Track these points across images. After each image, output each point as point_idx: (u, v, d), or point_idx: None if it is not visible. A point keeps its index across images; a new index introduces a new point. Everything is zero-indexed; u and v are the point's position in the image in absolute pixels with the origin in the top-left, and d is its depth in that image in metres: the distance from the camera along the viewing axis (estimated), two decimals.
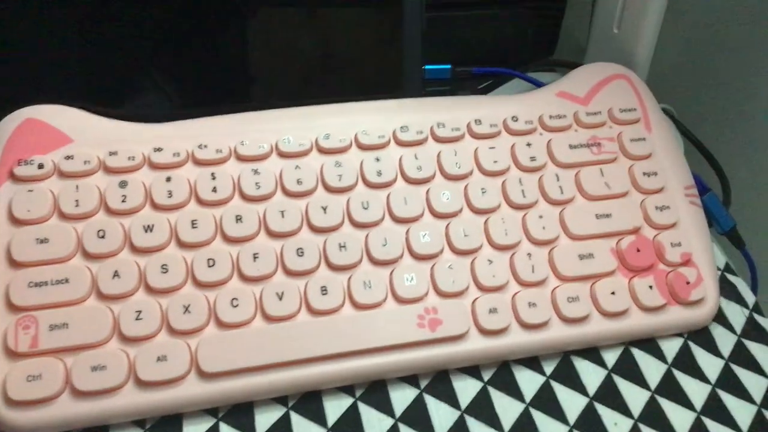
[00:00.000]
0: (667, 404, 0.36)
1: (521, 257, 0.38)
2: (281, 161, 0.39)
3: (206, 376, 0.33)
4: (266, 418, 0.34)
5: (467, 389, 0.36)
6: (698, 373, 0.38)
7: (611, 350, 0.38)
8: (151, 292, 0.35)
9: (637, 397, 0.37)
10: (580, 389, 0.37)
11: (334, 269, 0.36)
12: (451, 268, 0.37)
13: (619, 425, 0.35)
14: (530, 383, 0.37)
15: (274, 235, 0.37)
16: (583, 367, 0.37)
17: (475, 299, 0.36)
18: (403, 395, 0.36)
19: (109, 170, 0.37)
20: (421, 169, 0.39)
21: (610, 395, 0.36)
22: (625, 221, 0.40)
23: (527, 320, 0.36)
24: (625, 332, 0.38)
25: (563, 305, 0.37)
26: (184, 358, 0.33)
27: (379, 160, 0.39)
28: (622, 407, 0.36)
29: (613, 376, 0.37)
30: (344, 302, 0.36)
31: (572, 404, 0.36)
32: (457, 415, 0.35)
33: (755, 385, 0.38)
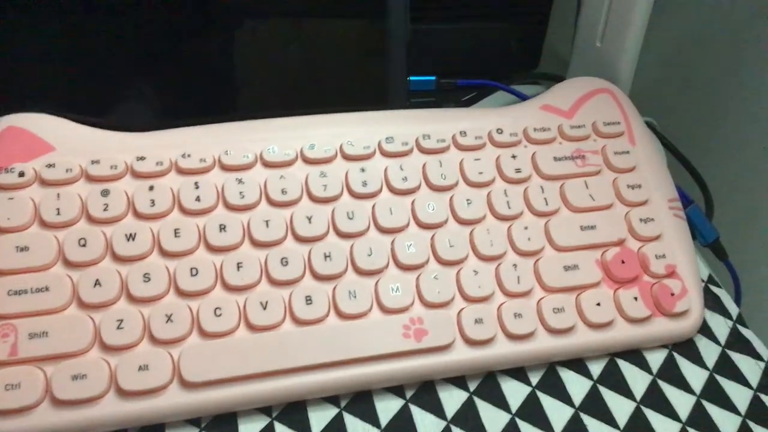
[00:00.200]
0: (652, 415, 0.36)
1: (507, 268, 0.38)
2: (266, 171, 0.39)
3: (189, 385, 0.33)
4: (250, 428, 0.34)
5: (453, 400, 0.36)
6: (683, 384, 0.38)
7: (597, 361, 0.38)
8: (133, 301, 0.34)
9: (622, 407, 0.36)
10: (566, 400, 0.36)
11: (319, 279, 0.36)
12: (436, 278, 0.37)
13: None
14: (516, 394, 0.36)
15: (258, 244, 0.36)
16: (568, 377, 0.37)
17: (460, 310, 0.36)
18: (388, 405, 0.35)
19: (91, 179, 0.37)
20: (406, 179, 0.39)
21: (595, 406, 0.36)
22: (609, 233, 0.40)
23: (513, 331, 0.36)
24: (610, 343, 0.38)
25: (549, 316, 0.37)
26: (166, 367, 0.33)
27: (364, 170, 0.39)
28: (607, 418, 0.36)
29: (598, 386, 0.37)
30: (329, 312, 0.35)
31: (558, 415, 0.36)
32: (442, 425, 0.35)
33: (740, 395, 0.38)
